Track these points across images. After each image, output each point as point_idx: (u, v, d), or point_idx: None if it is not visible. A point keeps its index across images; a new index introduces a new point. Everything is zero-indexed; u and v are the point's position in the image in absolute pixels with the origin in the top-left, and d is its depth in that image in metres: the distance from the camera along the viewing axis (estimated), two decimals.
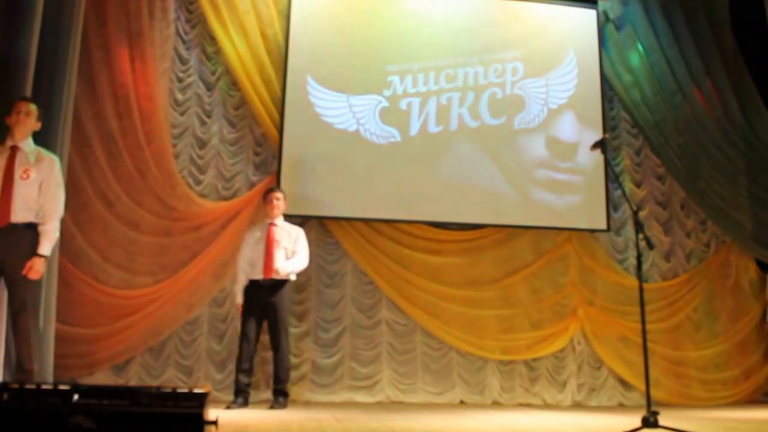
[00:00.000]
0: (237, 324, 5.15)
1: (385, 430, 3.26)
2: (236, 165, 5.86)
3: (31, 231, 3.68)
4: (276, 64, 5.94)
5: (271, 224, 4.90)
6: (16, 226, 3.63)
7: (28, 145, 3.78)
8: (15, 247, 3.62)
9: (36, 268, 3.63)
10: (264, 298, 4.72)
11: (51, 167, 3.80)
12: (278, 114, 5.84)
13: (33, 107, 3.79)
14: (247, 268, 4.83)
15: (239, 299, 4.83)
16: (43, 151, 3.84)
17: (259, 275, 4.77)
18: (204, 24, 5.94)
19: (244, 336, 4.78)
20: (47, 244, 3.70)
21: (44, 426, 2.26)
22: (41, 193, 3.72)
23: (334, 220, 5.86)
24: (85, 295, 5.28)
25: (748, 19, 6.61)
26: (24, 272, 3.60)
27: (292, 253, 4.90)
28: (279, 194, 4.98)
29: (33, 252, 3.64)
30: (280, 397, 4.70)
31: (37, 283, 3.74)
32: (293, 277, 4.98)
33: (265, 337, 4.95)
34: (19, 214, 3.64)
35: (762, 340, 6.49)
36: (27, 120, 3.75)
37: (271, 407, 4.62)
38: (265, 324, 4.83)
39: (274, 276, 4.77)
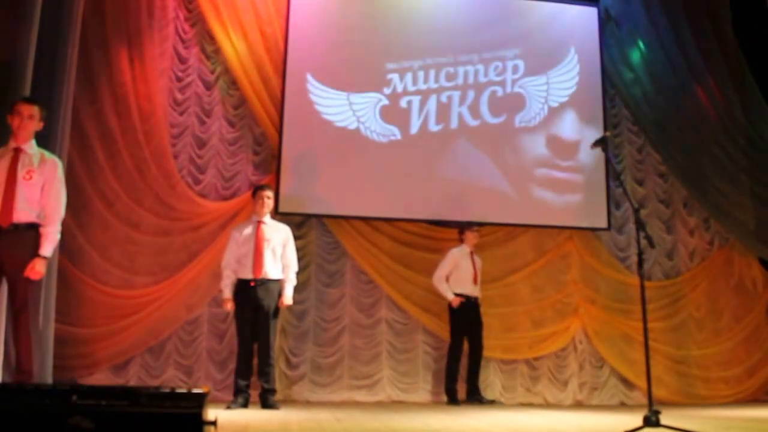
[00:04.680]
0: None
1: (386, 429, 3.25)
2: (236, 164, 5.85)
3: (33, 231, 3.68)
4: (275, 62, 5.93)
5: (260, 222, 4.86)
6: (18, 227, 3.63)
7: (31, 147, 3.78)
8: (17, 247, 3.62)
9: (37, 269, 3.64)
10: (255, 297, 4.69)
11: (53, 169, 3.80)
12: (277, 113, 5.84)
13: (36, 109, 3.78)
14: (234, 265, 4.79)
15: (227, 294, 4.78)
16: (46, 153, 3.85)
17: (248, 275, 4.72)
18: (203, 23, 5.94)
19: (241, 338, 4.75)
20: (48, 246, 3.70)
21: (43, 427, 2.24)
22: (43, 195, 3.73)
23: (333, 218, 5.85)
24: (85, 295, 5.28)
25: (749, 16, 6.59)
26: (26, 273, 3.60)
27: (281, 255, 4.84)
28: (269, 192, 4.94)
29: (35, 253, 3.65)
30: (270, 395, 4.68)
31: (38, 284, 3.77)
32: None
33: None
34: (22, 215, 3.64)
35: (765, 339, 6.47)
36: (30, 123, 3.75)
37: (270, 407, 4.60)
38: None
39: (266, 278, 4.74)
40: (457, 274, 5.65)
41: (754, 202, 6.57)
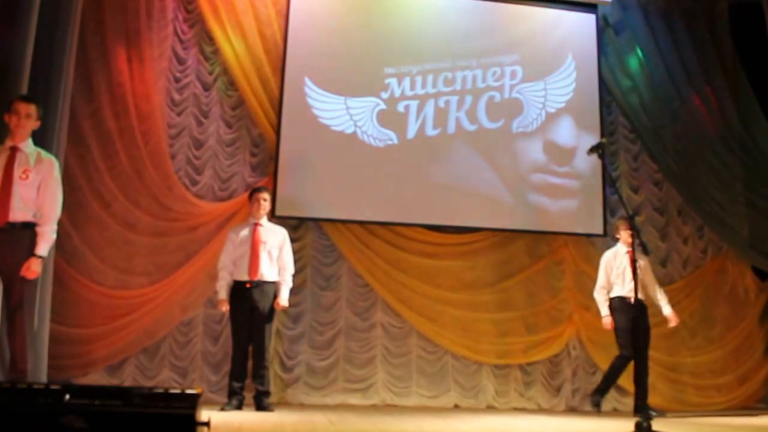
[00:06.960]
0: None
1: None
2: (233, 166, 5.85)
3: (29, 231, 3.67)
4: (274, 64, 5.94)
5: (257, 224, 4.87)
6: (14, 226, 3.63)
7: (28, 146, 3.78)
8: (13, 246, 3.62)
9: (33, 269, 3.63)
10: (251, 299, 4.69)
11: (50, 169, 3.80)
12: (275, 115, 5.84)
13: (33, 108, 3.78)
14: (230, 267, 4.80)
15: (223, 295, 4.79)
16: (43, 152, 3.84)
17: (244, 276, 4.73)
18: (202, 24, 5.94)
19: (235, 340, 4.76)
20: (44, 245, 3.70)
21: (35, 426, 2.24)
22: (39, 194, 3.72)
23: (330, 222, 5.86)
24: (81, 295, 5.27)
25: (747, 26, 6.62)
26: (21, 272, 3.60)
27: (277, 257, 4.85)
28: (266, 194, 4.96)
29: (30, 252, 3.64)
30: (265, 398, 4.68)
31: (34, 283, 3.75)
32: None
33: None
34: (18, 214, 3.64)
35: (757, 347, 6.48)
36: (27, 122, 3.75)
37: (264, 409, 4.60)
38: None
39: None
40: (613, 277, 5.35)
41: (749, 211, 6.60)
